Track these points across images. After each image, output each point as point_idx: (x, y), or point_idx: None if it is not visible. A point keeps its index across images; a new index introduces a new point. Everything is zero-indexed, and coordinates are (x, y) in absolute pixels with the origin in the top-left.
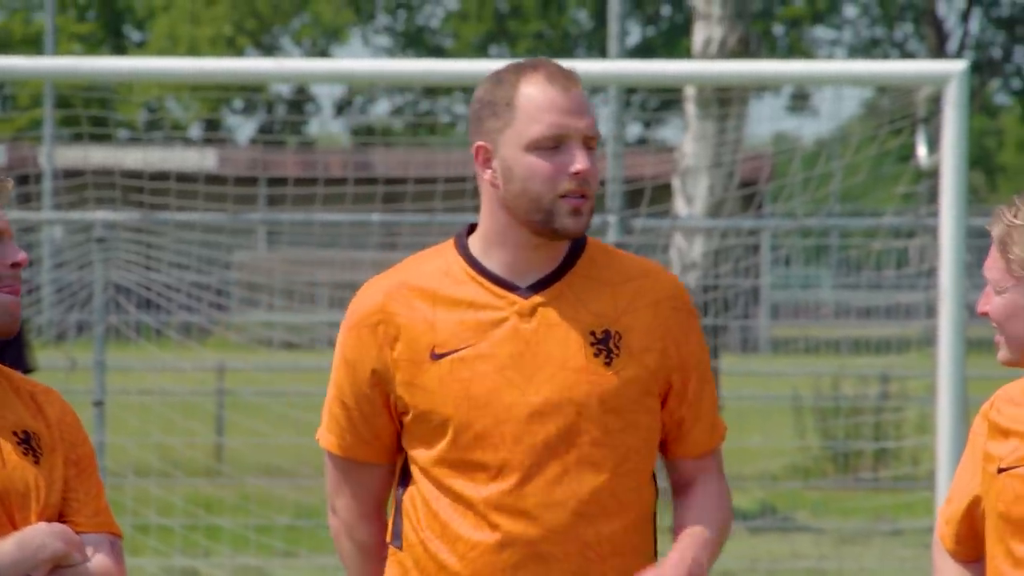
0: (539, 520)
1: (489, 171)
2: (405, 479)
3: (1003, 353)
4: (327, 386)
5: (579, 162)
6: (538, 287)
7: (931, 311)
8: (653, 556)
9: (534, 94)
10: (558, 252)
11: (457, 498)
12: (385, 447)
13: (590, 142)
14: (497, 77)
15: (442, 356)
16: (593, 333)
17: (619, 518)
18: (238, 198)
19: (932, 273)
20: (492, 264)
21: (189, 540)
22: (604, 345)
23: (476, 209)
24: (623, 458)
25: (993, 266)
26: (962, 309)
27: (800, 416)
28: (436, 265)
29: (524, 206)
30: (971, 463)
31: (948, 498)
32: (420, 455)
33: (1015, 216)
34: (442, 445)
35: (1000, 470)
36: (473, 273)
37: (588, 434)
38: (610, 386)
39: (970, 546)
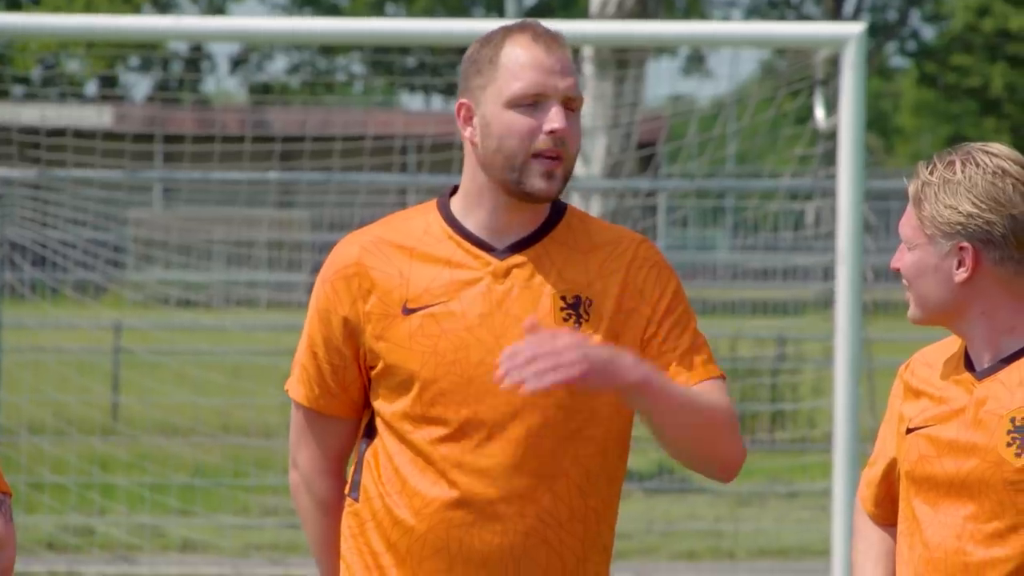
0: (498, 480)
1: (469, 128)
2: (370, 433)
3: (912, 310)
4: (299, 337)
5: (555, 120)
6: (514, 249)
7: (827, 273)
8: (613, 523)
9: (518, 52)
10: (537, 216)
11: (418, 453)
12: (352, 401)
13: (570, 103)
14: (486, 37)
15: (413, 311)
16: (564, 298)
17: (579, 483)
18: (135, 155)
19: (829, 235)
20: (471, 224)
21: (84, 498)
22: (574, 310)
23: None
24: (587, 422)
25: (907, 223)
26: (859, 271)
27: None
28: (417, 223)
29: (499, 163)
30: (889, 425)
31: (869, 461)
32: (385, 408)
33: (931, 174)
34: (407, 399)
35: (908, 430)
36: (451, 232)
37: (553, 397)
38: None
39: (889, 509)
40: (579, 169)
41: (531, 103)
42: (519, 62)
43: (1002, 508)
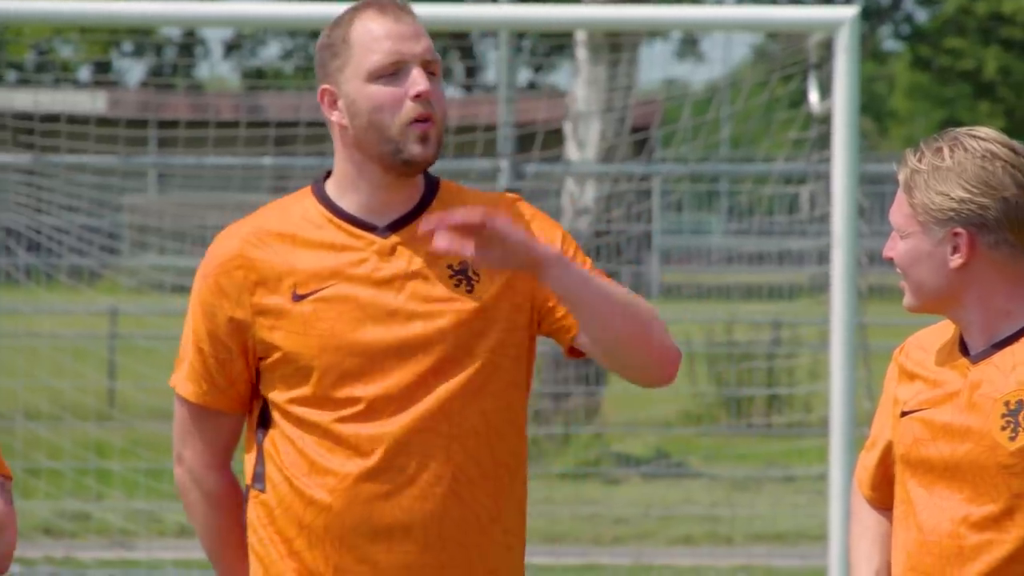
0: (411, 447)
1: (336, 112)
2: (264, 423)
3: (907, 298)
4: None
5: (418, 83)
6: (395, 226)
7: (822, 257)
8: (525, 478)
9: (368, 27)
10: (413, 192)
11: (325, 434)
12: (239, 395)
13: (430, 66)
14: (335, 20)
15: (304, 296)
16: (451, 266)
17: (488, 439)
18: (129, 140)
19: (823, 219)
20: (349, 206)
21: (80, 484)
22: (463, 275)
23: None
24: (489, 377)
25: (898, 211)
26: (854, 255)
27: (692, 362)
28: (294, 211)
29: (373, 139)
30: (884, 409)
31: (866, 444)
32: (282, 396)
33: (920, 161)
34: (309, 385)
35: (903, 413)
36: (331, 216)
37: (457, 361)
38: (476, 311)
39: (886, 492)
40: (573, 153)
41: (391, 72)
42: (371, 35)
43: (996, 492)
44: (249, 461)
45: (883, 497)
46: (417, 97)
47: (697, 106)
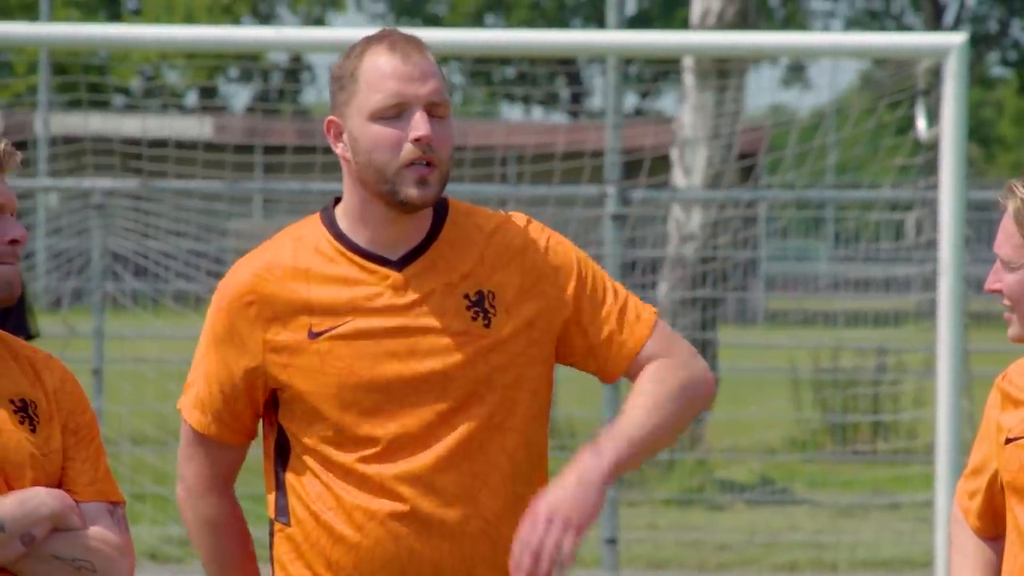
0: (436, 487)
1: (340, 144)
2: (283, 455)
3: (1014, 329)
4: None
5: (419, 128)
6: (408, 259)
7: (927, 284)
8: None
9: (376, 64)
10: (423, 221)
11: (348, 472)
12: (244, 428)
13: (435, 109)
14: (347, 51)
15: (320, 335)
16: (467, 296)
17: (510, 474)
18: (235, 166)
19: (929, 246)
20: (360, 239)
21: None
22: (480, 307)
23: (473, 178)
24: (508, 415)
25: (1006, 242)
26: (961, 282)
27: (797, 388)
28: (306, 242)
29: (372, 177)
30: (986, 436)
31: (967, 472)
32: (301, 431)
33: None
34: (328, 424)
35: (1008, 440)
36: (343, 249)
37: (477, 396)
38: (494, 346)
39: (991, 521)
40: (680, 180)
41: (394, 114)
42: (378, 73)
43: None
44: (270, 493)
45: (988, 526)
46: (417, 141)
47: (804, 132)
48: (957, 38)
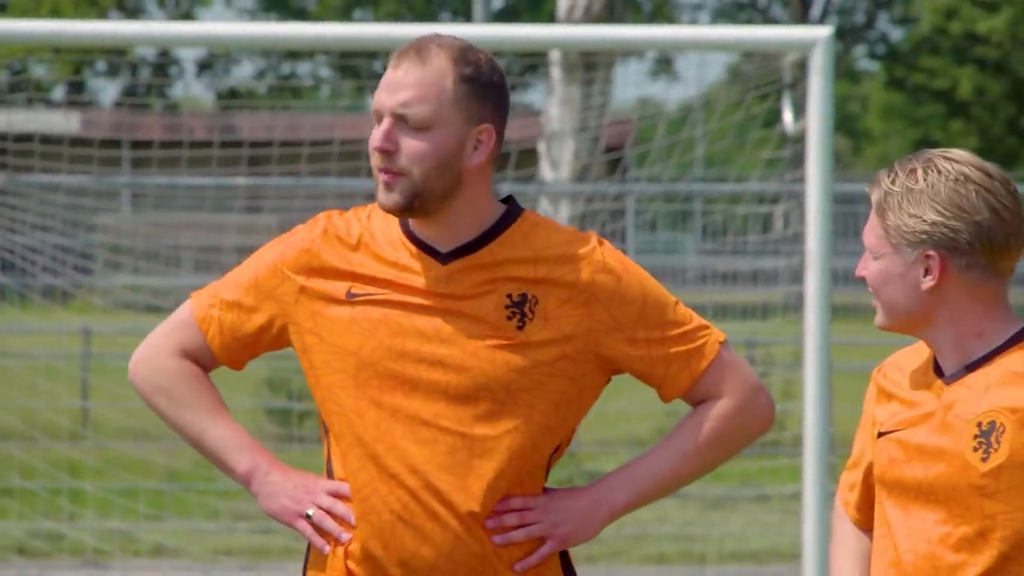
0: (425, 469)
1: None
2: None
3: (879, 317)
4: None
5: (373, 138)
6: (457, 254)
7: (795, 277)
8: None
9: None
10: (480, 219)
11: (343, 432)
12: (227, 347)
13: (407, 119)
14: None
15: (356, 296)
16: (509, 296)
17: (511, 477)
18: (102, 161)
19: (796, 239)
20: (417, 230)
21: (53, 504)
22: (519, 308)
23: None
24: (525, 416)
25: (871, 231)
26: (828, 274)
27: None
28: (375, 221)
29: None
30: (864, 429)
31: (848, 464)
32: (319, 387)
33: (893, 183)
34: (340, 379)
35: (880, 434)
36: (402, 236)
37: (490, 391)
38: (519, 349)
39: (869, 513)
40: (547, 173)
41: (376, 120)
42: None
43: (970, 513)
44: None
45: (867, 518)
46: (373, 151)
47: (671, 125)
48: (823, 31)
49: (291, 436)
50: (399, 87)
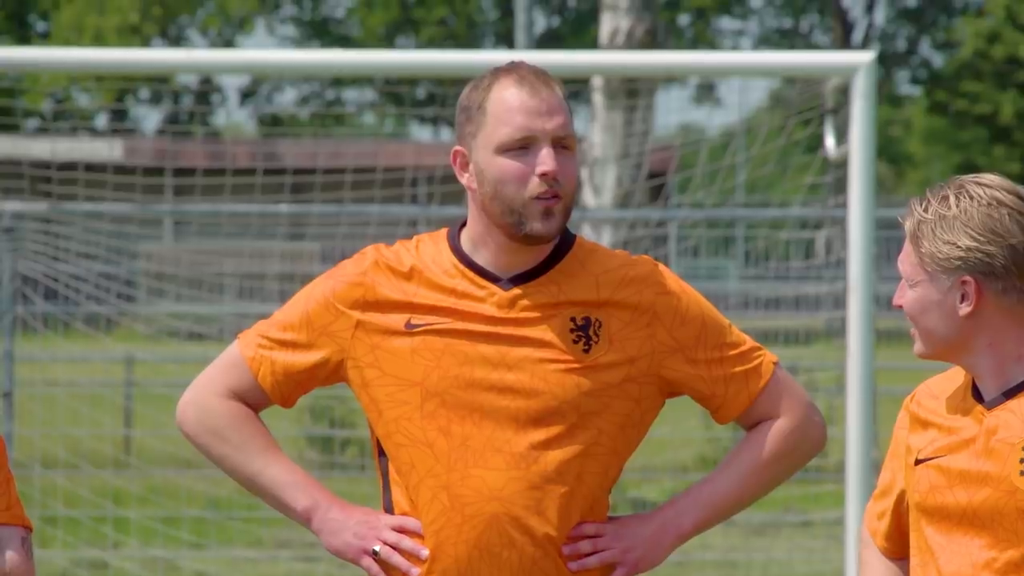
0: (501, 494)
1: (466, 175)
2: (382, 451)
3: (918, 346)
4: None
5: (545, 163)
6: (519, 280)
7: (838, 302)
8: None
9: (504, 97)
10: (542, 251)
11: (413, 465)
12: (280, 386)
13: (563, 141)
14: (475, 83)
15: (417, 327)
16: (573, 319)
17: (582, 499)
18: (145, 188)
19: (839, 264)
20: (478, 258)
21: (97, 532)
22: (584, 332)
23: (384, 199)
24: (593, 439)
25: (906, 260)
26: (870, 300)
27: None
28: (425, 250)
29: (497, 209)
30: (895, 457)
31: (876, 493)
32: (383, 431)
33: (926, 210)
34: (405, 411)
35: (917, 462)
36: (460, 265)
37: (559, 415)
38: (588, 372)
39: (899, 542)
40: (590, 199)
41: (520, 147)
42: (505, 107)
43: (1016, 537)
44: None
45: (896, 547)
46: (544, 176)
47: (713, 151)
48: (865, 56)
49: (333, 464)
50: (553, 111)
